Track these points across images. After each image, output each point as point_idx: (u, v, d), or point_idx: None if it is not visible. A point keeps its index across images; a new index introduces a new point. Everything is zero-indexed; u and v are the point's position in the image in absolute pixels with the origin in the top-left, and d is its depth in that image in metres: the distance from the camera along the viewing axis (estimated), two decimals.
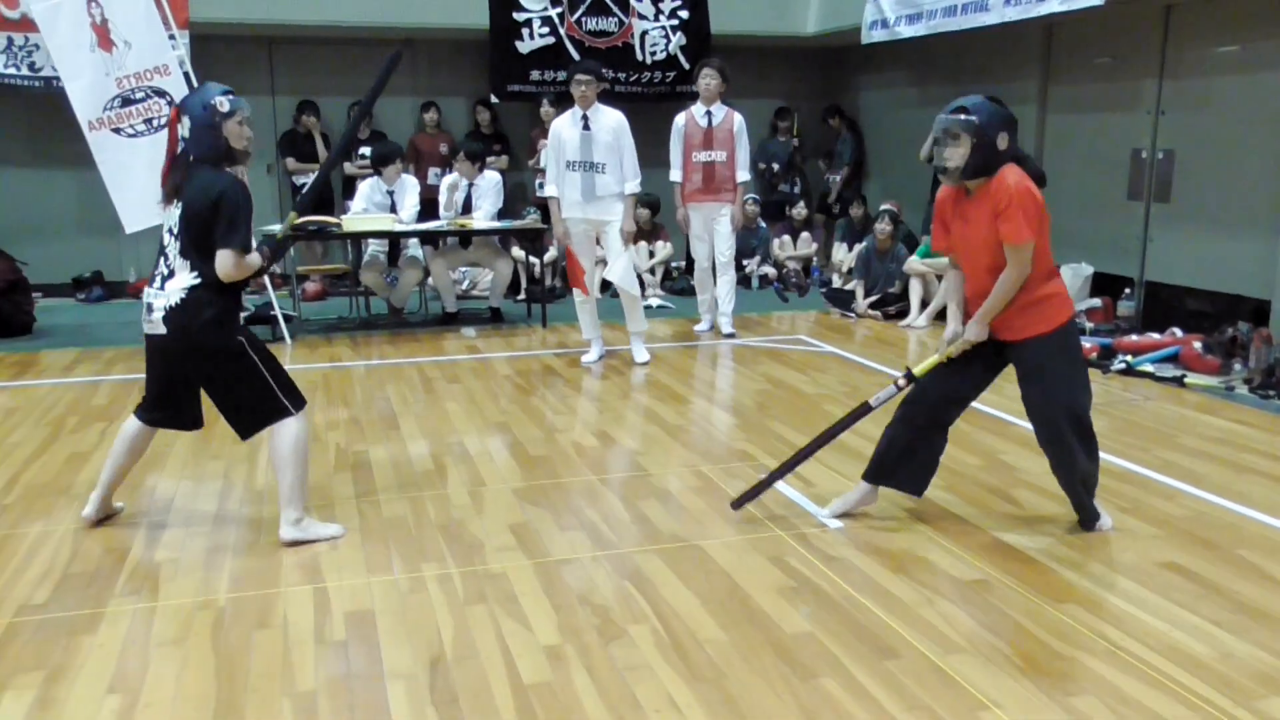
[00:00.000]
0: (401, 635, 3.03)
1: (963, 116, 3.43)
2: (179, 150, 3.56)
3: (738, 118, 7.40)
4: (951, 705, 2.65)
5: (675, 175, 7.46)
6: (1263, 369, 5.94)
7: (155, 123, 6.72)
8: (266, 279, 7.49)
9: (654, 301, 8.93)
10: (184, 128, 3.55)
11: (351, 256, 8.63)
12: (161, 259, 3.61)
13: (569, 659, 2.89)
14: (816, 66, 11.17)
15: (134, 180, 6.69)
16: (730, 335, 7.47)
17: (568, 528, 3.88)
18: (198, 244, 3.49)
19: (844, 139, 10.56)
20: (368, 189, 7.89)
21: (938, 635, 3.02)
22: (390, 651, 2.94)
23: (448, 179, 8.16)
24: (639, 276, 9.45)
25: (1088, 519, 3.78)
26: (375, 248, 8.05)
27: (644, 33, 9.92)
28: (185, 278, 3.51)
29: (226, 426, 5.17)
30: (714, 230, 7.45)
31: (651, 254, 9.64)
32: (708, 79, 7.30)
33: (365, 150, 9.47)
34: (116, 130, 6.65)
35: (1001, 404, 5.62)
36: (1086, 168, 7.97)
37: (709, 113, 7.33)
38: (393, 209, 7.80)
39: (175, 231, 3.55)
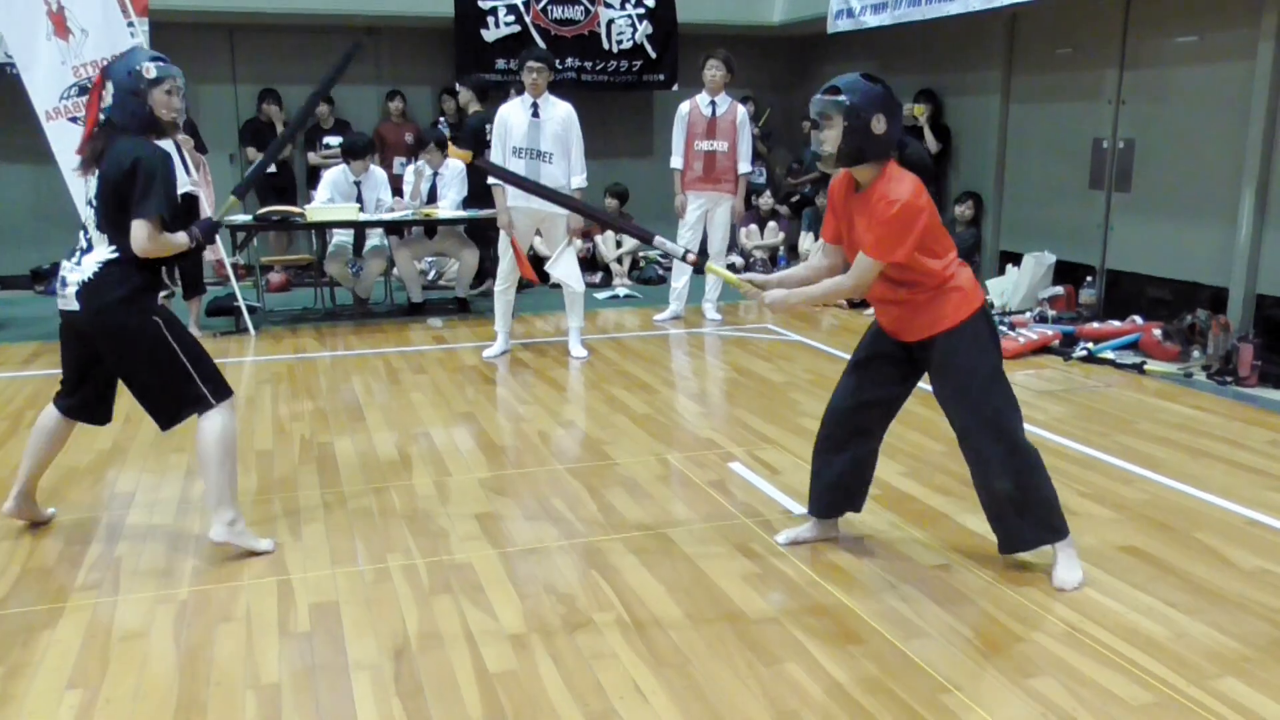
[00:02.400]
0: (366, 626, 3.03)
1: (834, 97, 3.09)
2: (100, 118, 3.35)
3: (741, 109, 7.47)
4: (913, 688, 2.68)
5: (676, 162, 7.49)
6: (1220, 356, 6.04)
7: None
8: (229, 269, 7.42)
9: (621, 291, 8.93)
10: (107, 93, 3.33)
11: (316, 247, 8.56)
12: (81, 232, 3.43)
13: (534, 647, 2.90)
14: (782, 56, 11.19)
15: None
16: (716, 320, 7.58)
17: (533, 517, 3.88)
18: (114, 217, 3.29)
19: (816, 209, 10.35)
20: (334, 178, 7.82)
21: (900, 620, 3.05)
22: (355, 642, 2.93)
23: (411, 167, 8.11)
24: (607, 266, 9.46)
25: (1008, 541, 3.34)
26: (340, 238, 7.98)
27: (610, 21, 9.90)
28: (102, 251, 3.33)
29: (188, 420, 5.14)
30: (710, 220, 7.49)
31: (619, 244, 9.64)
32: (713, 70, 7.33)
33: (330, 140, 9.39)
34: (74, 119, 6.53)
35: None
36: (1049, 157, 8.04)
37: (713, 103, 7.38)
38: (359, 199, 7.74)
39: (94, 203, 3.37)
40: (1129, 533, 3.71)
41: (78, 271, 3.36)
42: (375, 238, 8.02)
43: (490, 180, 6.35)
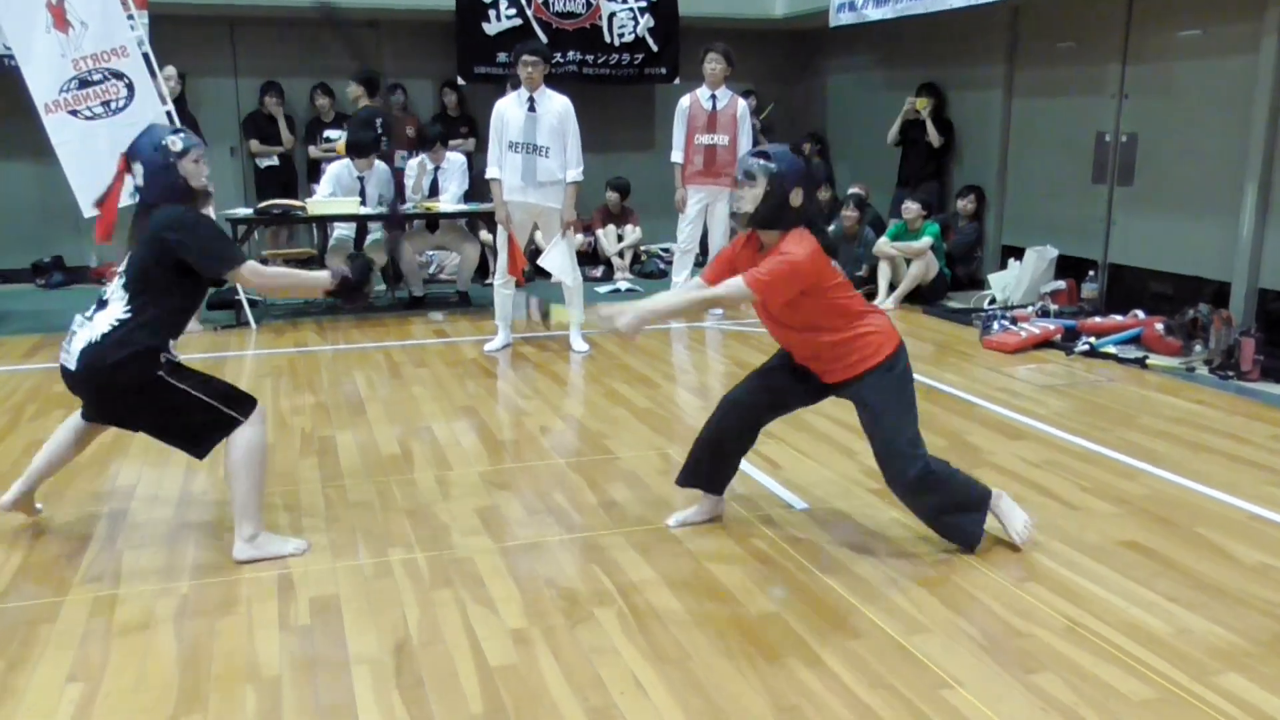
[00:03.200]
0: (367, 620, 3.02)
1: (763, 161, 3.27)
2: (138, 199, 3.39)
3: (742, 103, 7.45)
4: (914, 684, 2.68)
5: (676, 156, 7.48)
6: (1222, 350, 6.02)
7: (113, 105, 6.61)
8: None
9: (623, 285, 8.93)
10: (137, 175, 3.38)
11: (318, 240, 8.55)
12: (106, 286, 3.43)
13: (535, 642, 2.90)
14: (784, 50, 11.17)
15: (92, 163, 6.56)
16: (718, 315, 7.57)
17: (534, 511, 3.88)
18: (143, 279, 3.30)
19: (816, 165, 10.28)
20: (337, 171, 7.81)
21: (901, 615, 3.05)
22: (355, 637, 2.93)
23: (413, 161, 8.10)
24: (608, 260, 9.45)
25: (964, 539, 3.47)
26: (342, 231, 7.97)
27: (612, 14, 9.88)
28: (117, 309, 3.31)
29: None
30: (711, 214, 7.48)
31: (620, 238, 9.63)
32: (713, 63, 7.31)
33: (330, 133, 9.38)
34: (74, 113, 6.53)
35: (966, 385, 5.68)
36: (1051, 151, 8.03)
37: (714, 96, 7.37)
38: (362, 193, 7.73)
39: (124, 269, 3.38)
40: (1130, 528, 3.70)
41: (88, 328, 3.33)
42: (376, 231, 8.01)
43: (489, 175, 6.33)
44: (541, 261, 6.51)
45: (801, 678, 2.71)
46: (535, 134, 6.19)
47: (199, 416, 3.36)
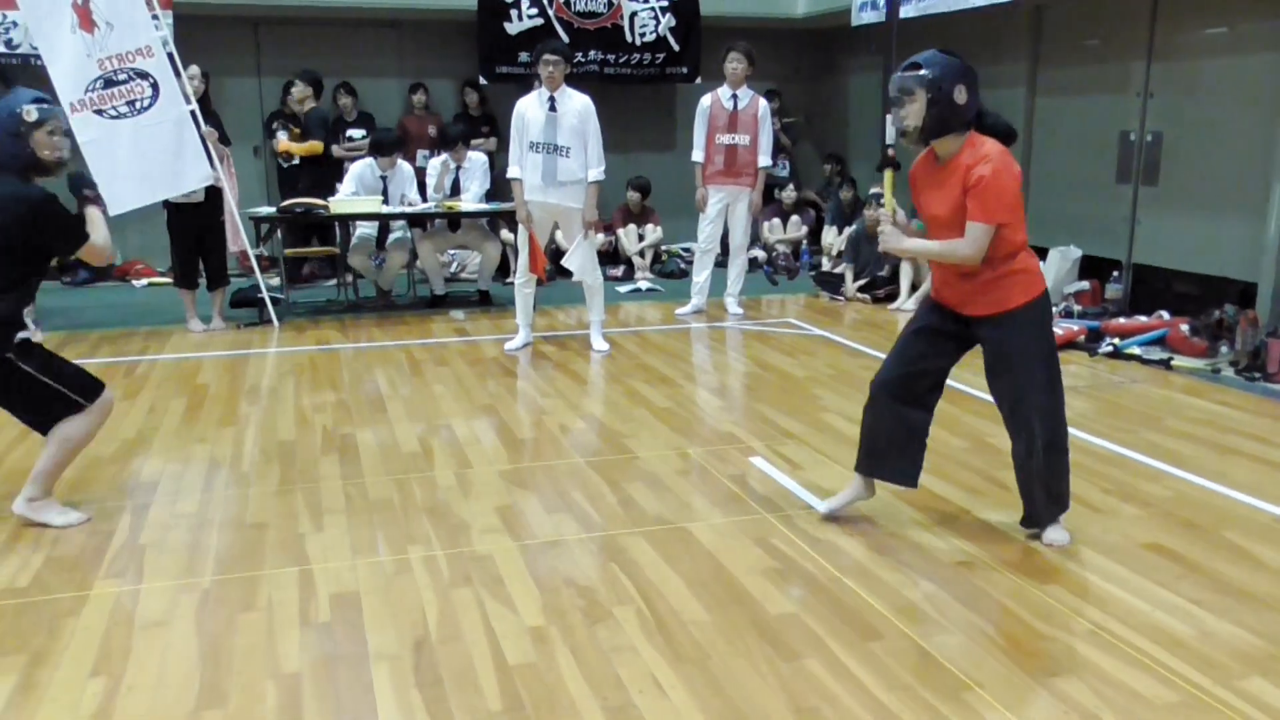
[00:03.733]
0: (386, 617, 3.03)
1: (915, 72, 3.21)
2: None
3: (763, 103, 7.43)
4: (934, 686, 2.66)
5: (697, 155, 7.47)
6: (1248, 351, 5.96)
7: (138, 104, 6.66)
8: (254, 261, 7.46)
9: (644, 284, 8.92)
10: None
11: (340, 239, 8.58)
12: None
13: (553, 640, 2.90)
14: (806, 49, 11.14)
15: (117, 162, 6.64)
16: (738, 315, 7.57)
17: (554, 510, 3.88)
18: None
19: (837, 186, 10.02)
20: (359, 171, 7.85)
21: (922, 616, 3.03)
22: (375, 633, 2.94)
23: (435, 161, 8.12)
24: (629, 260, 9.45)
25: (1031, 516, 3.56)
26: (364, 230, 8.01)
27: (633, 14, 9.88)
28: None
29: (212, 409, 5.19)
30: (732, 213, 7.47)
31: (641, 237, 9.62)
32: (734, 63, 7.29)
33: (353, 133, 9.42)
34: (99, 112, 6.58)
35: (987, 386, 5.63)
36: (1075, 150, 7.96)
37: (735, 96, 7.35)
38: (385, 194, 7.76)
39: None
40: (1155, 530, 3.67)
41: None
42: (398, 230, 8.04)
43: (510, 175, 6.34)
44: (565, 262, 6.54)
45: (820, 679, 2.70)
46: (556, 134, 6.18)
47: (44, 401, 3.53)
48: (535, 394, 5.53)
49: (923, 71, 3.19)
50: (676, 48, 10.08)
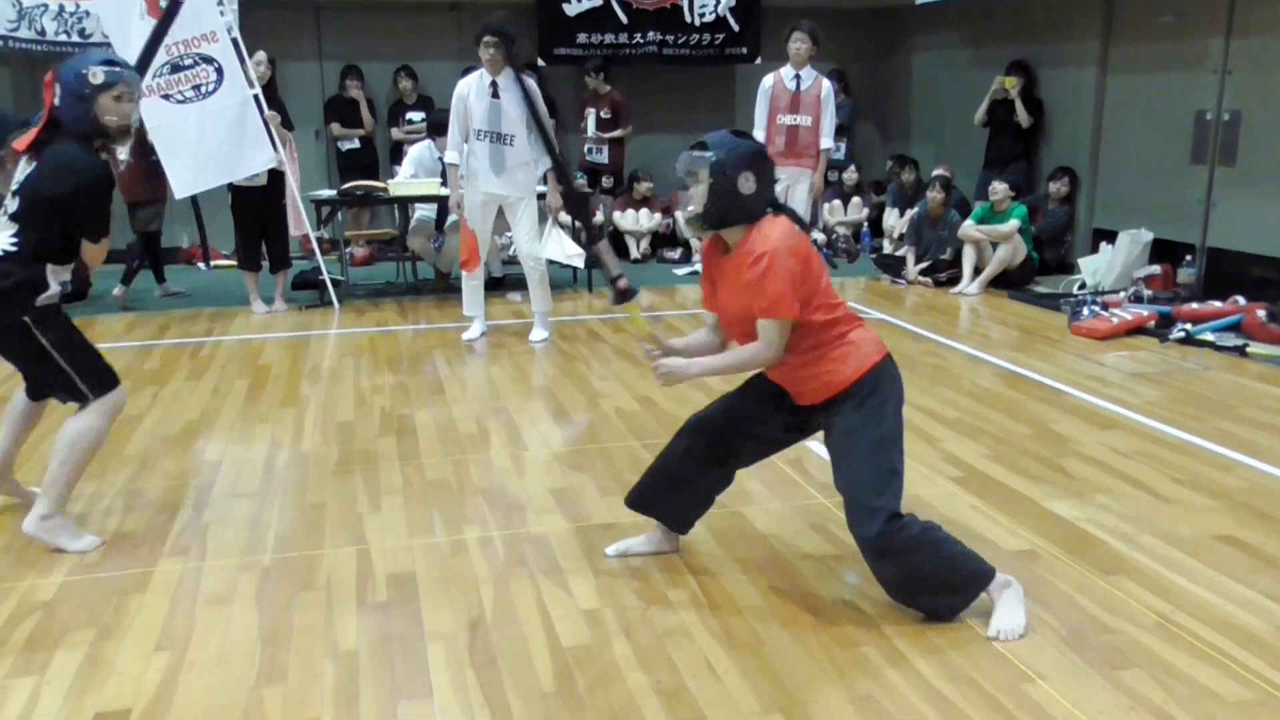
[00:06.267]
0: (442, 597, 3.05)
1: (698, 153, 2.87)
2: (50, 114, 3.26)
3: (826, 84, 7.29)
4: (995, 677, 2.61)
5: (758, 136, 7.37)
6: None
7: (204, 89, 6.76)
8: (315, 243, 7.55)
9: (701, 266, 8.86)
10: (56, 94, 3.22)
11: (399, 221, 8.66)
12: None
13: (608, 623, 2.89)
14: (870, 29, 10.95)
15: (183, 146, 6.76)
16: None
17: (609, 492, 3.87)
18: (33, 216, 3.22)
19: (901, 184, 9.74)
20: (418, 153, 7.89)
21: (983, 606, 2.95)
22: (431, 613, 2.96)
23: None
24: (687, 242, 9.39)
25: (936, 618, 2.89)
26: (423, 212, 8.06)
27: None
28: (3, 239, 3.23)
29: (274, 390, 5.27)
30: (791, 195, 7.38)
31: None
32: (798, 43, 7.17)
33: (413, 115, 9.49)
34: (166, 97, 6.70)
35: (1053, 372, 5.52)
36: (1148, 130, 7.73)
37: (798, 76, 7.24)
38: (443, 174, 7.79)
39: (17, 190, 3.28)
40: (1227, 522, 3.55)
41: None
42: (457, 212, 8.06)
43: (447, 159, 6.14)
44: (549, 255, 6.19)
45: (877, 667, 2.66)
46: (500, 121, 5.93)
47: (52, 377, 3.35)
48: (592, 377, 5.53)
49: (708, 153, 2.84)
50: (736, 28, 9.98)
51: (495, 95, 5.94)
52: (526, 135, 6.00)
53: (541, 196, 6.52)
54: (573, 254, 6.28)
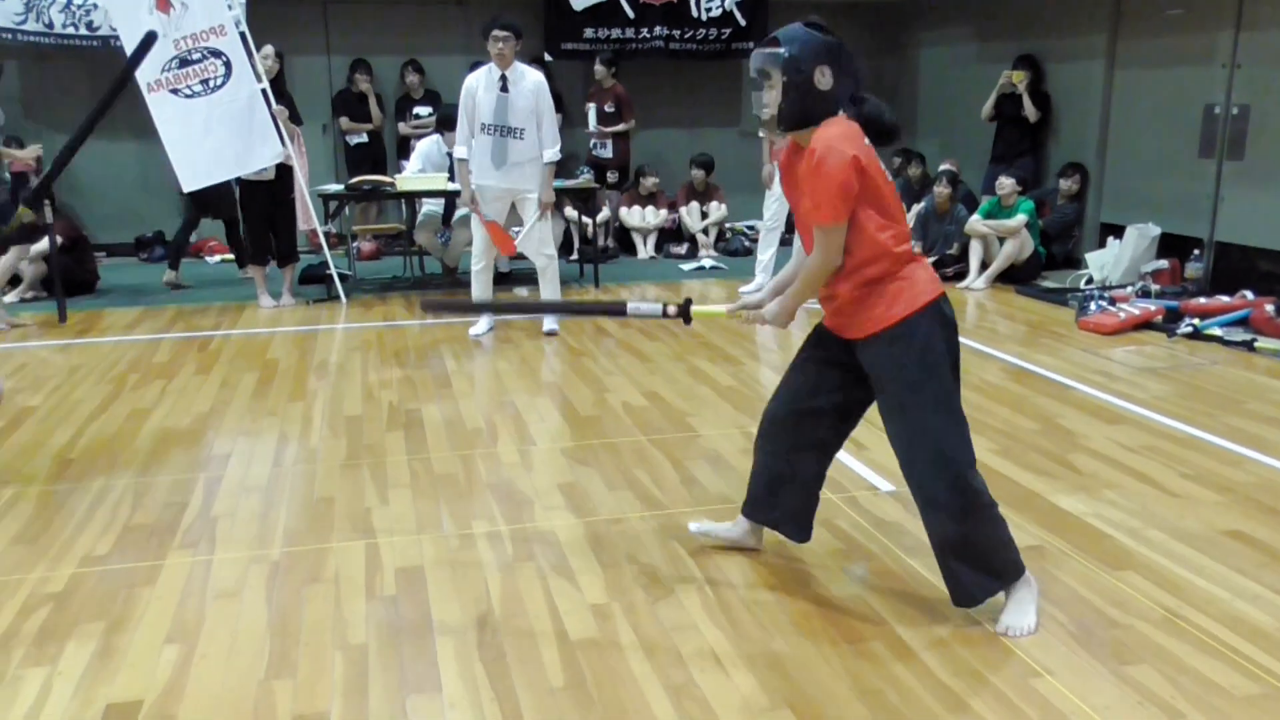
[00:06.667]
0: (451, 591, 3.06)
1: (770, 49, 2.68)
2: None
3: None
4: (1003, 672, 2.61)
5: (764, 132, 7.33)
6: None
7: (211, 83, 6.77)
8: (322, 238, 7.56)
9: (707, 262, 8.87)
10: None
11: (406, 216, 8.67)
12: None
13: (616, 617, 2.90)
14: (877, 22, 10.92)
15: (191, 140, 6.77)
16: None
17: (616, 487, 3.88)
18: None
19: (908, 179, 9.62)
20: (426, 148, 7.90)
21: (990, 602, 2.96)
22: (439, 607, 2.97)
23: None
24: (693, 237, 9.39)
25: (959, 594, 2.82)
26: (430, 207, 8.07)
27: None
28: None
29: (282, 384, 5.28)
30: None
31: (705, 214, 9.56)
32: None
33: (420, 110, 9.49)
34: (174, 91, 6.71)
35: (1060, 367, 5.51)
36: (1156, 125, 7.71)
37: None
38: (451, 169, 7.79)
39: None
40: (1235, 517, 3.55)
41: None
42: (471, 208, 8.06)
43: (456, 154, 6.11)
44: (519, 245, 6.15)
45: (885, 662, 2.66)
46: (508, 115, 5.90)
47: None
48: (599, 371, 5.53)
49: (780, 49, 2.66)
50: (743, 22, 9.97)
51: (504, 89, 5.93)
52: (534, 130, 5.99)
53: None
54: (545, 249, 6.21)
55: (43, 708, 2.50)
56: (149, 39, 3.88)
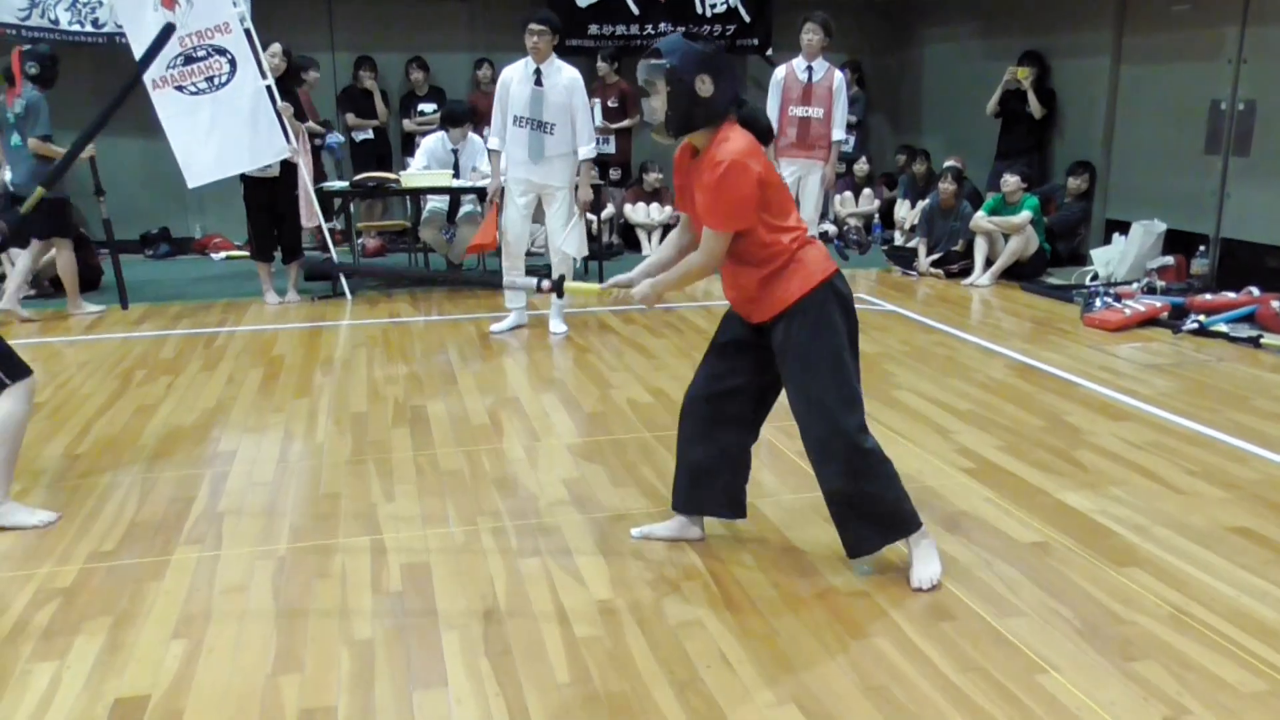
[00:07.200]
0: (456, 587, 3.07)
1: (653, 61, 2.86)
2: None
3: (838, 75, 7.24)
4: (1007, 668, 2.61)
5: None
6: None
7: (216, 80, 6.78)
8: (327, 235, 7.57)
9: None
10: None
11: (411, 213, 8.68)
12: None
13: (621, 613, 2.90)
14: (882, 19, 10.91)
15: (196, 137, 6.79)
16: None
17: (621, 484, 3.88)
18: None
19: (913, 175, 9.84)
20: (431, 144, 7.91)
21: (995, 597, 2.97)
22: (445, 603, 2.98)
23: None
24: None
25: (849, 544, 3.06)
26: (435, 204, 8.08)
27: None
28: None
29: (287, 380, 5.29)
30: (803, 187, 7.36)
31: None
32: (810, 34, 7.13)
33: (424, 107, 9.50)
34: (179, 88, 6.72)
35: (1065, 364, 5.51)
36: (1161, 121, 7.70)
37: (809, 68, 7.20)
38: (456, 167, 7.81)
39: None
40: (1240, 513, 3.55)
41: None
42: (469, 204, 8.09)
43: (490, 145, 6.15)
44: (562, 246, 6.14)
45: (890, 658, 2.67)
46: (541, 109, 5.91)
47: None
48: (604, 368, 5.54)
49: (662, 60, 2.84)
50: (748, 19, 9.97)
51: (538, 83, 5.94)
52: (568, 125, 6.00)
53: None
54: (584, 248, 6.28)
55: (51, 701, 2.51)
56: (167, 30, 3.90)
